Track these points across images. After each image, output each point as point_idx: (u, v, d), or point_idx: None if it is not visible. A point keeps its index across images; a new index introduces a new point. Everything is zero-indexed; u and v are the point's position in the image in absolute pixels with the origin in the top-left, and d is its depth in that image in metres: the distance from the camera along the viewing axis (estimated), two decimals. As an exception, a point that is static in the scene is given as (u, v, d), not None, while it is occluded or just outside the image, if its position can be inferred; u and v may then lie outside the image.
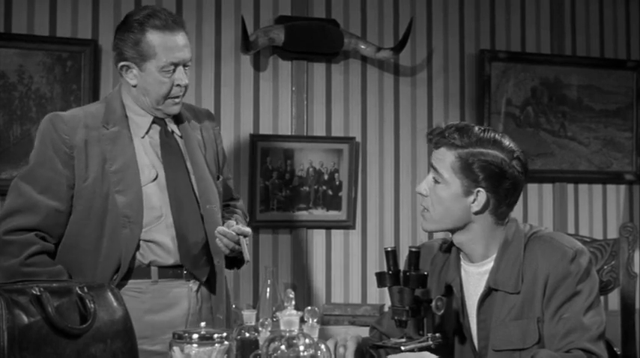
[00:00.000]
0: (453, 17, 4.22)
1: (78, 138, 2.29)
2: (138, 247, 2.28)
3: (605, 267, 2.27)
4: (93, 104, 2.55)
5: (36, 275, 2.17)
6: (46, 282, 1.67)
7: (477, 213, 1.95)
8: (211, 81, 3.78)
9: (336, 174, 3.93)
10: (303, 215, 3.87)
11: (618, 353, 2.18)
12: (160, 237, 2.31)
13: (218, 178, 2.49)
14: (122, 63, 2.32)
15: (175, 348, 1.58)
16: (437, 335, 1.85)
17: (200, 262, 2.36)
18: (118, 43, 2.33)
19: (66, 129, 2.29)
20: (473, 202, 1.94)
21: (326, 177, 3.92)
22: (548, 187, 4.34)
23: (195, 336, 1.58)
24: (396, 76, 4.10)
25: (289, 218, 3.84)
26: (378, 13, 4.09)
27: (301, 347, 1.49)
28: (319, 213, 3.90)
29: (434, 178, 1.97)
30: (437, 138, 1.96)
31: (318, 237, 3.94)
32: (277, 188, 3.81)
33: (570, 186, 4.38)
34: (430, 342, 1.83)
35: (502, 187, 1.93)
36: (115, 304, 1.77)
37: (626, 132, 4.45)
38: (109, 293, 1.78)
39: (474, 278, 1.99)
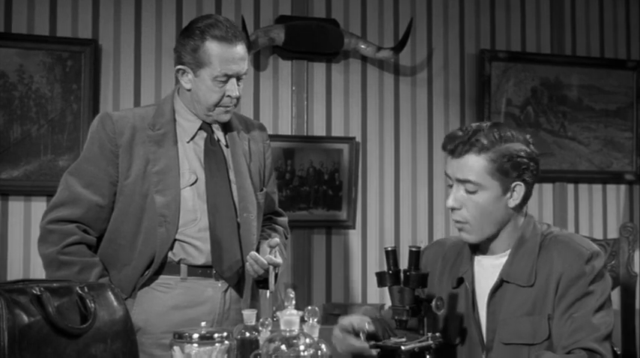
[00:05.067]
0: (453, 17, 4.22)
1: (124, 138, 2.35)
2: (172, 246, 2.35)
3: (605, 266, 2.27)
4: (145, 106, 2.65)
5: (72, 264, 2.29)
6: (46, 282, 1.67)
7: (514, 208, 1.97)
8: (211, 81, 3.78)
9: (336, 174, 3.93)
10: (303, 215, 3.86)
11: (618, 352, 2.17)
12: (193, 239, 2.36)
13: (261, 190, 2.53)
14: (179, 66, 2.38)
15: (176, 348, 1.58)
16: (437, 334, 1.85)
17: (231, 268, 2.40)
18: (178, 46, 2.39)
19: (113, 129, 2.36)
20: (510, 198, 1.96)
21: (326, 177, 3.92)
22: (548, 187, 4.34)
23: (195, 336, 1.58)
24: (396, 76, 4.10)
25: (289, 218, 3.82)
26: (378, 13, 4.09)
27: (301, 347, 1.49)
28: (319, 213, 3.90)
29: (466, 190, 1.94)
30: (460, 145, 1.92)
31: (318, 237, 3.94)
32: (277, 188, 3.81)
33: (570, 186, 4.38)
34: (430, 342, 1.83)
35: (531, 173, 1.96)
36: (115, 304, 1.76)
37: (626, 132, 4.45)
38: (110, 293, 1.77)
39: (487, 271, 1.99)
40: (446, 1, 4.21)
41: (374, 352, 1.83)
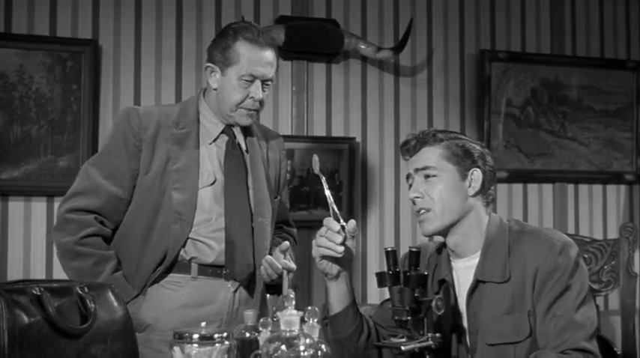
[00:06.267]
0: (453, 17, 4.22)
1: (149, 133, 2.39)
2: (185, 244, 2.37)
3: (605, 267, 2.27)
4: (170, 104, 2.69)
5: (87, 255, 2.31)
6: (46, 282, 1.67)
7: (474, 196, 2.01)
8: (211, 81, 3.78)
9: (336, 174, 3.93)
10: (303, 215, 3.87)
11: (618, 353, 2.17)
12: (207, 238, 2.39)
13: (276, 198, 2.58)
14: (208, 64, 2.44)
15: (176, 348, 1.58)
16: (437, 335, 1.86)
17: (243, 271, 2.43)
18: (210, 46, 2.46)
19: (139, 123, 2.39)
20: (469, 186, 2.00)
21: (326, 177, 3.92)
22: (548, 187, 4.34)
23: (195, 336, 1.58)
24: (396, 76, 4.10)
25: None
26: (378, 13, 4.09)
27: (301, 347, 1.49)
28: (319, 213, 3.90)
29: (425, 176, 2.01)
30: (414, 142, 2.03)
31: (318, 237, 3.94)
32: (277, 188, 3.81)
33: (570, 186, 4.38)
34: (430, 342, 1.83)
35: (486, 164, 2.03)
36: (115, 304, 1.77)
37: (626, 133, 4.45)
38: (110, 294, 1.78)
39: (463, 273, 2.02)
40: (446, 1, 4.21)
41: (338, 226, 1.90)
